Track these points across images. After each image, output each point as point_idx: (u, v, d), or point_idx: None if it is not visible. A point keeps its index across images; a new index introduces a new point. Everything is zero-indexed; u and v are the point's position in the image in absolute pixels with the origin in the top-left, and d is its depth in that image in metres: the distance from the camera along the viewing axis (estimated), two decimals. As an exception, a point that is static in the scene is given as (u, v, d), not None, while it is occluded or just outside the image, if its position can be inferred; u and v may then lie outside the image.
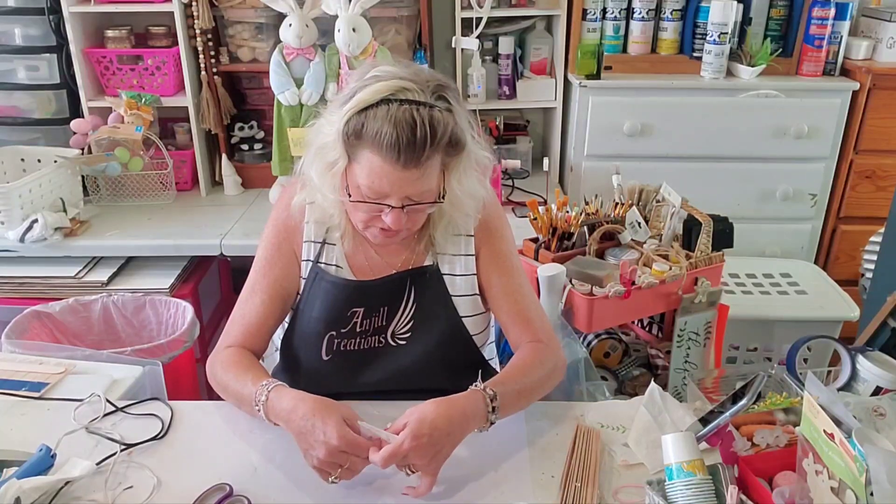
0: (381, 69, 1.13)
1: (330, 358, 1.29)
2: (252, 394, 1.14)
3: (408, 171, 1.10)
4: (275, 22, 2.32)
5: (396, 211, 1.14)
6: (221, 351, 1.27)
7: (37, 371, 1.35)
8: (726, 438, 1.05)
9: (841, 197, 2.49)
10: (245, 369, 1.20)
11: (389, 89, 1.08)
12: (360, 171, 1.13)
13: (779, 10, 2.43)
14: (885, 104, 2.35)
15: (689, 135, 2.41)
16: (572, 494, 1.06)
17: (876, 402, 1.15)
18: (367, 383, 1.30)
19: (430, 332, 1.29)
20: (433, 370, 1.30)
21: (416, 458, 1.02)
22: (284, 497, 1.07)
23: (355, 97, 1.10)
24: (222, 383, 1.22)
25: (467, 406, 1.08)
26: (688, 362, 1.74)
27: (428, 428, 1.02)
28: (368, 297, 1.28)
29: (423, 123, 1.07)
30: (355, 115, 1.09)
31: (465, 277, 1.31)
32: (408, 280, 1.29)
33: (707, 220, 1.72)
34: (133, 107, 2.32)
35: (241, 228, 2.23)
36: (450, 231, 1.28)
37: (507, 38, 2.48)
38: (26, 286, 2.11)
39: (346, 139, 1.11)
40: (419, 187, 1.13)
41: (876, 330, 1.50)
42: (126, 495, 1.07)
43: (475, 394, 1.11)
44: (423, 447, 1.02)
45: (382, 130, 1.07)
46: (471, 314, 1.32)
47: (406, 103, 1.08)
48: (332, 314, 1.28)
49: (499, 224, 1.34)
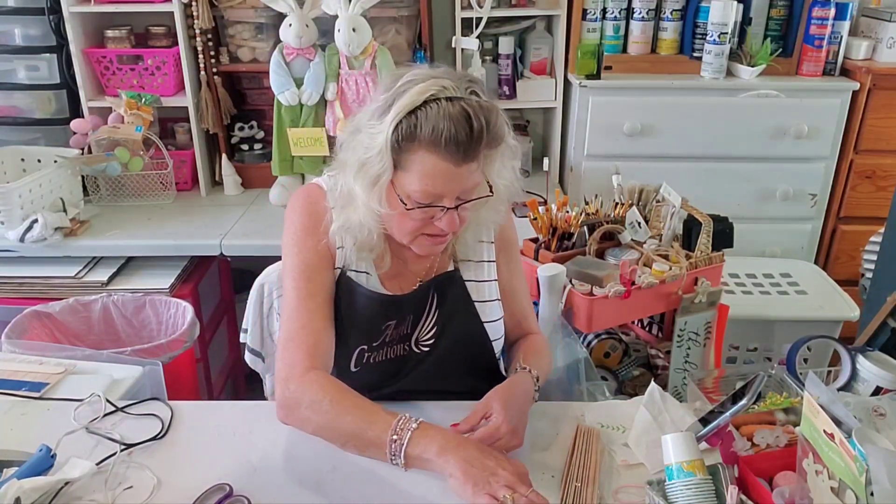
0: (412, 73, 1.12)
1: (358, 370, 1.27)
2: (390, 424, 1.05)
3: (466, 166, 1.09)
4: (275, 22, 2.32)
5: (451, 212, 1.13)
6: (304, 375, 1.12)
7: (37, 371, 1.35)
8: (726, 438, 1.05)
9: (841, 197, 2.49)
10: (361, 399, 1.11)
11: (432, 88, 1.08)
12: (410, 178, 1.11)
13: (779, 10, 2.43)
14: (885, 104, 2.35)
15: (689, 135, 2.41)
16: (572, 494, 1.06)
17: (876, 402, 1.16)
18: (388, 391, 1.29)
19: (453, 337, 1.30)
20: (454, 374, 1.31)
21: (512, 440, 1.10)
22: (284, 497, 1.07)
23: (397, 103, 1.08)
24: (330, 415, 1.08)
25: (524, 384, 1.21)
26: (688, 362, 1.74)
27: (515, 409, 1.13)
28: (400, 309, 1.27)
29: (476, 115, 1.07)
30: (405, 119, 1.07)
31: (487, 283, 1.32)
32: (431, 287, 1.29)
33: (707, 220, 1.72)
34: (133, 107, 2.32)
35: (241, 228, 2.23)
36: (476, 236, 1.30)
37: (507, 38, 2.48)
38: (26, 286, 2.11)
39: (396, 146, 1.09)
40: (472, 183, 1.13)
41: (876, 330, 1.50)
42: (126, 495, 1.07)
43: (524, 374, 1.23)
44: (515, 426, 1.11)
45: (440, 127, 1.05)
46: (492, 319, 1.32)
47: (453, 100, 1.07)
48: (367, 328, 1.25)
49: (511, 232, 1.38)
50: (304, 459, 1.13)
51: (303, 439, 1.13)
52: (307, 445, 1.14)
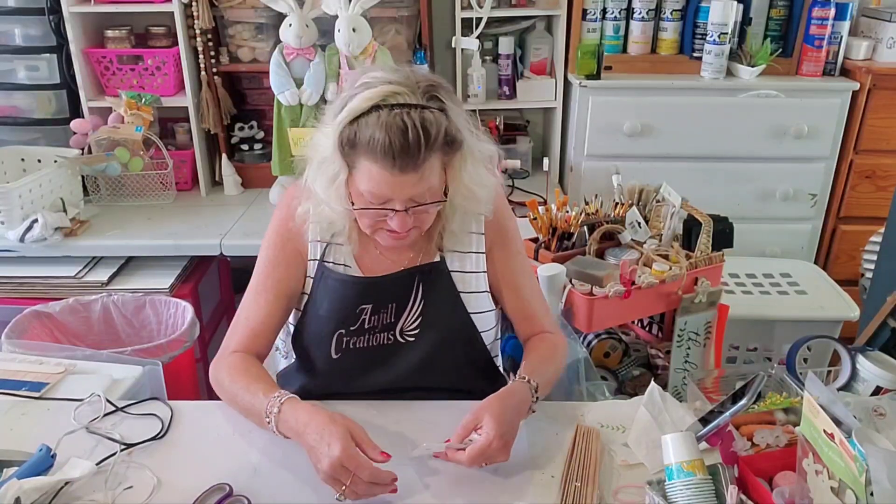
0: (370, 75, 1.13)
1: (339, 357, 1.29)
2: (263, 406, 1.13)
3: (406, 175, 1.10)
4: (275, 22, 2.32)
5: (401, 214, 1.14)
6: (227, 356, 1.26)
7: (37, 371, 1.35)
8: (726, 438, 1.05)
9: (841, 197, 2.49)
10: (254, 379, 1.19)
11: (379, 95, 1.09)
12: (360, 178, 1.13)
13: (779, 10, 2.43)
14: (885, 104, 2.35)
15: (689, 135, 2.41)
16: (572, 494, 1.06)
17: (876, 402, 1.16)
18: (376, 382, 1.30)
19: (438, 328, 1.30)
20: (442, 367, 1.31)
21: (499, 454, 1.07)
22: (284, 497, 1.07)
23: (346, 107, 1.11)
24: (230, 393, 1.21)
25: (519, 395, 1.16)
26: (688, 362, 1.74)
27: (507, 424, 1.09)
28: (376, 293, 1.28)
29: (414, 126, 1.07)
30: (347, 126, 1.10)
31: (474, 274, 1.32)
32: (416, 276, 1.29)
33: (707, 220, 1.72)
34: (133, 107, 2.32)
35: (241, 228, 2.23)
36: (464, 227, 1.29)
37: (507, 38, 2.48)
38: (26, 286, 2.11)
39: (343, 150, 1.12)
40: (420, 189, 1.13)
41: (876, 330, 1.50)
42: (126, 495, 1.07)
43: (522, 384, 1.18)
44: (507, 445, 1.08)
45: (375, 137, 1.07)
46: (480, 311, 1.32)
47: (397, 108, 1.08)
48: (341, 312, 1.27)
49: (509, 223, 1.36)
50: (304, 459, 1.13)
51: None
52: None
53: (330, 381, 1.30)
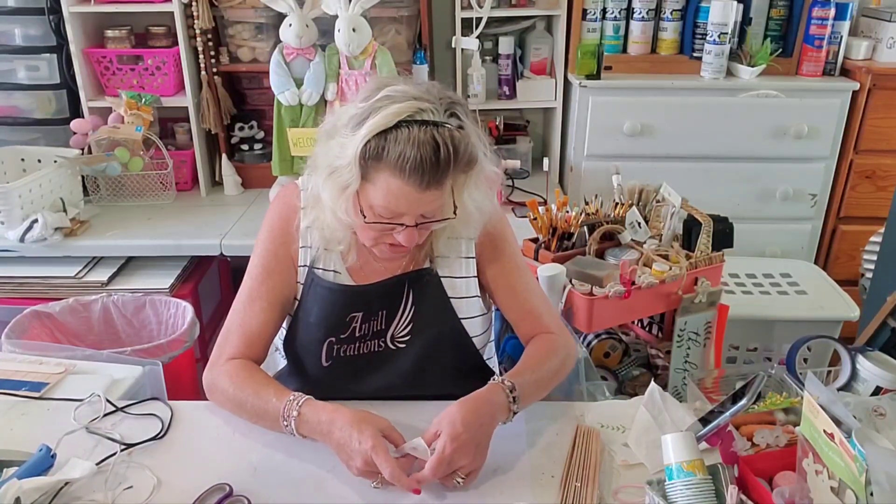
0: (392, 89, 1.11)
1: (330, 364, 1.29)
2: (278, 409, 1.12)
3: (429, 192, 1.10)
4: (275, 22, 2.32)
5: (410, 229, 1.14)
6: (222, 363, 1.24)
7: (37, 371, 1.35)
8: (726, 438, 1.05)
9: (841, 197, 2.49)
10: (262, 384, 1.18)
11: (407, 111, 1.07)
12: (375, 192, 1.12)
13: (779, 10, 2.43)
14: (885, 104, 2.35)
15: (689, 135, 2.41)
16: (572, 494, 1.06)
17: (876, 402, 1.15)
18: (368, 389, 1.30)
19: (429, 334, 1.29)
20: (433, 372, 1.30)
21: (460, 458, 1.05)
22: (284, 497, 1.07)
23: (370, 120, 1.08)
24: (236, 399, 1.19)
25: (489, 398, 1.13)
26: (688, 362, 1.74)
27: (461, 426, 1.05)
28: (367, 301, 1.28)
29: (445, 144, 1.06)
30: (374, 139, 1.08)
31: (464, 280, 1.31)
32: (405, 283, 1.29)
33: (707, 220, 1.72)
34: (133, 107, 2.32)
35: (241, 228, 2.23)
36: (454, 233, 1.28)
37: (507, 38, 2.48)
38: (26, 286, 2.11)
39: (364, 162, 1.10)
40: (436, 205, 1.13)
41: (876, 330, 1.50)
42: (126, 495, 1.07)
43: (494, 386, 1.14)
44: (464, 446, 1.05)
45: (406, 154, 1.06)
46: (471, 316, 1.32)
47: (426, 125, 1.07)
48: (331, 320, 1.27)
49: (501, 227, 1.34)
50: (304, 459, 1.13)
51: (303, 439, 1.13)
52: (307, 445, 1.14)
53: (321, 388, 1.27)
